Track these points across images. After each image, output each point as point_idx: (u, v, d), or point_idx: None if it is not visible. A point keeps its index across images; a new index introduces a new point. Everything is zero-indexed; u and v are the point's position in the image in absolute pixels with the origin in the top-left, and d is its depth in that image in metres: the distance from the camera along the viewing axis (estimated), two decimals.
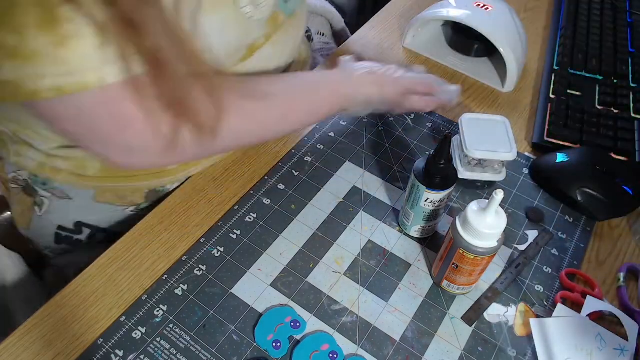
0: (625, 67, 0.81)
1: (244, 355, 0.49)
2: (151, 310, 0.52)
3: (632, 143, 0.68)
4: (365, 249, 0.58)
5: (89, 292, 0.53)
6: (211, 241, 0.58)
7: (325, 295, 0.54)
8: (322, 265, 0.56)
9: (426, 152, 0.69)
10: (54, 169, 0.61)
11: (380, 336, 0.51)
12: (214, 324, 0.51)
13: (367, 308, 0.53)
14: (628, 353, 0.50)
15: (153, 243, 0.57)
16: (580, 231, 0.61)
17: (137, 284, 0.54)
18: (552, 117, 0.71)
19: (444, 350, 0.51)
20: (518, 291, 0.55)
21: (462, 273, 0.51)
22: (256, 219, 0.60)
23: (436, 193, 0.53)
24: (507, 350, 0.51)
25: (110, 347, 0.49)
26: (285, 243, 0.58)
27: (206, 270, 0.55)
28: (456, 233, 0.49)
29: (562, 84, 0.77)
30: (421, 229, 0.58)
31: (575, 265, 0.58)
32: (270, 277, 0.55)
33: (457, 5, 0.78)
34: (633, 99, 0.75)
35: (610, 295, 0.56)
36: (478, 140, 0.60)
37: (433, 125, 0.72)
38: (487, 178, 0.63)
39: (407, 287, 0.55)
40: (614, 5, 0.92)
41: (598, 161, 0.64)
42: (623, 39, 0.85)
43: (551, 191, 0.64)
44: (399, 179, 0.65)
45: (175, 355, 0.49)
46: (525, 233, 0.60)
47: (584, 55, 0.82)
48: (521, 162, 0.68)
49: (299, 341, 0.50)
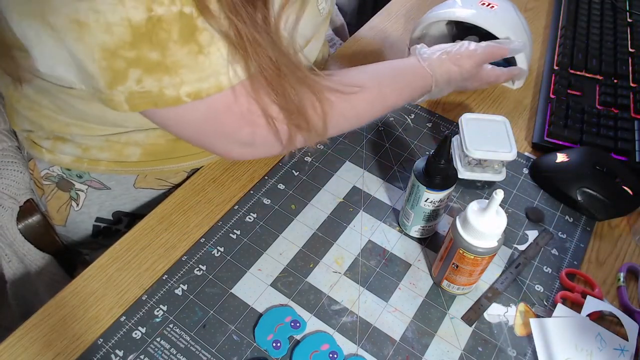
0: (625, 67, 0.81)
1: (244, 355, 0.49)
2: (151, 310, 0.52)
3: (632, 143, 0.68)
4: (365, 249, 0.58)
5: (89, 292, 0.53)
6: (211, 241, 0.58)
7: (325, 295, 0.54)
8: (322, 265, 0.56)
9: (426, 152, 0.69)
10: (93, 160, 0.62)
11: (380, 336, 0.51)
12: (214, 324, 0.51)
13: (367, 308, 0.53)
14: (628, 353, 0.50)
15: (153, 243, 0.57)
16: (580, 231, 0.61)
17: (137, 284, 0.54)
18: (552, 117, 0.71)
19: (444, 350, 0.51)
20: (518, 291, 0.55)
21: (462, 273, 0.51)
22: (256, 219, 0.60)
23: (436, 193, 0.53)
24: (507, 350, 0.51)
25: (110, 347, 0.49)
26: (285, 243, 0.58)
27: (206, 270, 0.55)
28: (456, 233, 0.49)
29: (562, 84, 0.77)
30: (421, 229, 0.58)
31: (575, 265, 0.58)
32: (270, 277, 0.55)
33: (463, 4, 0.78)
34: (633, 99, 0.75)
35: (610, 295, 0.56)
36: (478, 140, 0.60)
37: (433, 125, 0.72)
38: (487, 178, 0.63)
39: (407, 287, 0.55)
40: (614, 5, 0.92)
41: (598, 161, 0.64)
42: (623, 39, 0.85)
43: (551, 191, 0.64)
44: (399, 179, 0.65)
45: (175, 355, 0.49)
46: (525, 233, 0.60)
47: (584, 55, 0.82)
48: (521, 162, 0.68)
49: (299, 341, 0.50)
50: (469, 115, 0.63)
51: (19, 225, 0.67)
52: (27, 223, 0.68)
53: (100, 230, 0.70)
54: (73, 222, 0.69)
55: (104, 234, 0.71)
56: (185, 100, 0.47)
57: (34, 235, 0.68)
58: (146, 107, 0.47)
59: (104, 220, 0.69)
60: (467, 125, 0.62)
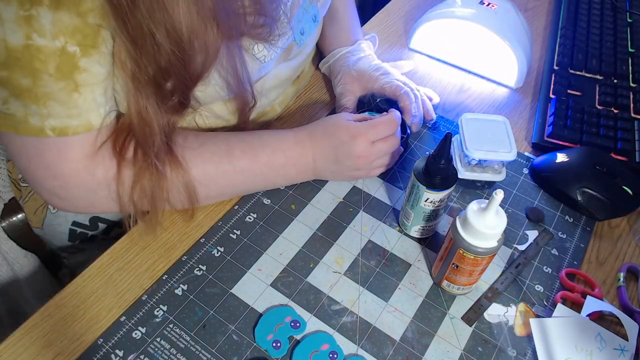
0: (625, 67, 0.81)
1: (244, 355, 0.49)
2: (151, 310, 0.52)
3: (632, 143, 0.68)
4: (365, 249, 0.58)
5: (89, 292, 0.53)
6: (211, 241, 0.58)
7: (325, 295, 0.54)
8: (322, 265, 0.56)
9: (426, 152, 0.69)
10: None
11: (380, 336, 0.51)
12: (214, 324, 0.51)
13: (367, 308, 0.53)
14: (628, 353, 0.50)
15: (153, 243, 0.57)
16: (580, 231, 0.61)
17: (137, 284, 0.54)
18: (552, 117, 0.71)
19: (444, 350, 0.51)
20: (518, 291, 0.55)
21: (462, 273, 0.51)
22: (256, 219, 0.60)
23: (436, 193, 0.53)
24: (507, 350, 0.51)
25: (110, 347, 0.49)
26: (285, 243, 0.58)
27: (206, 270, 0.55)
28: (456, 233, 0.49)
29: (562, 84, 0.77)
30: (421, 229, 0.58)
31: (575, 265, 0.58)
32: (270, 277, 0.55)
33: (463, 4, 0.78)
34: (633, 99, 0.75)
35: (610, 295, 0.56)
36: (478, 140, 0.60)
37: (433, 125, 0.72)
38: (487, 178, 0.63)
39: (407, 287, 0.55)
40: (614, 5, 0.92)
41: (598, 161, 0.64)
42: (623, 39, 0.85)
43: (551, 191, 0.64)
44: (399, 179, 0.65)
45: (175, 355, 0.49)
46: (525, 233, 0.60)
47: (584, 55, 0.82)
48: (521, 162, 0.68)
49: (299, 341, 0.50)
50: (469, 115, 0.63)
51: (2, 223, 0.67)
52: (11, 221, 0.68)
53: (76, 234, 0.70)
54: (50, 224, 0.69)
55: (81, 239, 0.70)
56: (48, 134, 0.46)
57: (18, 234, 0.68)
58: (7, 129, 0.46)
59: (80, 225, 0.69)
60: (467, 125, 0.62)
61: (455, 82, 0.79)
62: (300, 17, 0.62)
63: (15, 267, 0.67)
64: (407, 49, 0.85)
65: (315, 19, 0.66)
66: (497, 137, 0.61)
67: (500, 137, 0.61)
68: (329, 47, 0.75)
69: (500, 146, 0.60)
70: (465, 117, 0.63)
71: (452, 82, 0.79)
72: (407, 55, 0.84)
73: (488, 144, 0.60)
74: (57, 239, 0.71)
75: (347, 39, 0.75)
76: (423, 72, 0.81)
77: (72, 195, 0.52)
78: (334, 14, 0.75)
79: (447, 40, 0.80)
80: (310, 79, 0.78)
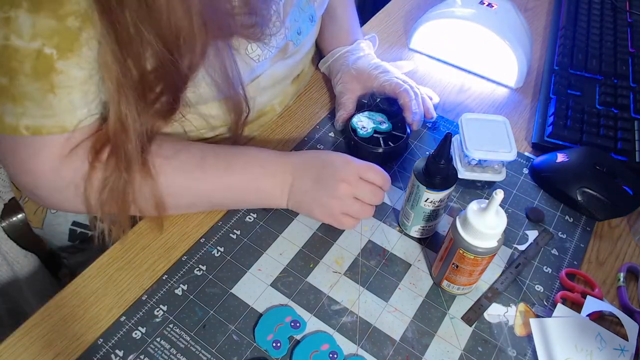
0: (625, 67, 0.81)
1: (244, 355, 0.49)
2: (151, 310, 0.52)
3: (632, 143, 0.68)
4: (365, 249, 0.58)
5: (89, 292, 0.53)
6: (211, 241, 0.58)
7: (325, 295, 0.54)
8: (322, 265, 0.56)
9: (426, 152, 0.69)
10: None
11: (380, 336, 0.51)
12: (214, 324, 0.51)
13: (367, 308, 0.53)
14: (628, 353, 0.50)
15: (153, 243, 0.57)
16: (580, 231, 0.61)
17: (137, 284, 0.54)
18: (552, 117, 0.71)
19: (444, 350, 0.51)
20: (518, 291, 0.55)
21: (462, 273, 0.51)
22: (256, 219, 0.60)
23: (436, 193, 0.53)
24: (507, 350, 0.51)
25: (110, 347, 0.49)
26: (285, 243, 0.58)
27: (206, 270, 0.55)
28: (456, 233, 0.49)
29: (562, 84, 0.77)
30: (421, 229, 0.58)
31: (575, 265, 0.58)
32: (270, 277, 0.55)
33: (463, 4, 0.78)
34: (633, 99, 0.75)
35: (610, 295, 0.56)
36: (478, 140, 0.60)
37: (433, 125, 0.72)
38: (487, 178, 0.63)
39: (407, 287, 0.55)
40: (614, 5, 0.92)
41: (598, 161, 0.64)
42: (623, 39, 0.85)
43: (551, 191, 0.64)
44: (399, 179, 0.65)
45: (175, 355, 0.49)
46: (525, 233, 0.60)
47: (584, 55, 0.82)
48: (521, 162, 0.68)
49: (299, 341, 0.50)
50: (469, 115, 0.63)
51: (2, 223, 0.67)
52: (11, 221, 0.68)
53: (76, 234, 0.70)
54: (50, 224, 0.69)
55: (81, 239, 0.70)
56: (22, 132, 0.47)
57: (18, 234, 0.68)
58: None
59: (80, 225, 0.69)
60: (467, 125, 0.62)
61: (455, 82, 0.79)
62: (296, 16, 0.62)
63: (15, 267, 0.67)
64: (407, 49, 0.85)
65: (313, 18, 0.66)
66: (497, 137, 0.61)
67: (500, 137, 0.61)
68: (328, 46, 0.75)
69: (500, 146, 0.60)
70: (465, 117, 0.63)
71: (452, 82, 0.79)
72: (407, 55, 0.84)
73: (488, 144, 0.60)
74: (57, 239, 0.71)
75: (346, 38, 0.75)
76: (423, 72, 0.81)
77: (43, 193, 0.52)
78: (332, 13, 0.75)
79: (447, 40, 0.80)
80: (310, 79, 0.78)
